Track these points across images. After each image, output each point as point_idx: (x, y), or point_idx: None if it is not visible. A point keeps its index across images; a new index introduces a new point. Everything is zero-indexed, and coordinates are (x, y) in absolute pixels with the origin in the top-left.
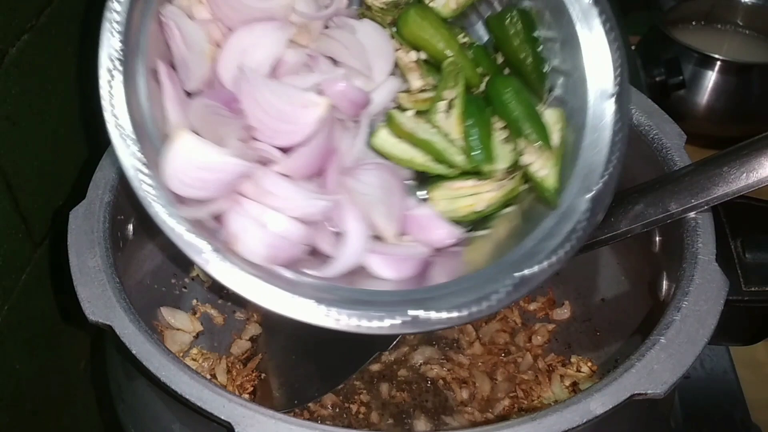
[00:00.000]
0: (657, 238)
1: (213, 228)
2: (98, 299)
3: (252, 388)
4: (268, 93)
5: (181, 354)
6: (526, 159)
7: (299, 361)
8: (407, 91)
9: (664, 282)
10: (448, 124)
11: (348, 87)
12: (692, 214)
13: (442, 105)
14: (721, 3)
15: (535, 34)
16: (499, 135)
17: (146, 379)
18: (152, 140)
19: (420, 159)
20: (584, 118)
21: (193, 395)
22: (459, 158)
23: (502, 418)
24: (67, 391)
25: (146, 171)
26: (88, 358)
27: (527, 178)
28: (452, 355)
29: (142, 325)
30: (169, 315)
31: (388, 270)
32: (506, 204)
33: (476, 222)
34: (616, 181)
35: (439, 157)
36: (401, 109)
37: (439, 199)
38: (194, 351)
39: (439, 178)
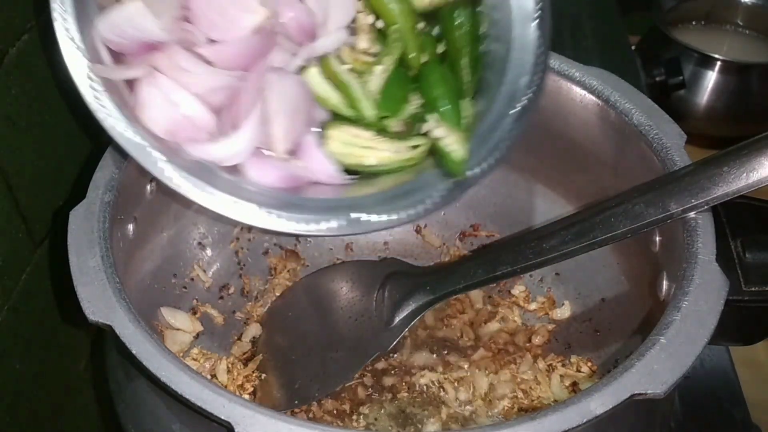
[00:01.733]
0: (657, 238)
1: (127, 98)
2: (98, 299)
3: (252, 389)
4: None
5: (182, 354)
6: (438, 132)
7: (299, 362)
8: (352, 48)
9: (664, 282)
10: (375, 85)
11: (303, 11)
12: (692, 214)
13: (378, 69)
14: (721, 3)
15: (482, 34)
16: (412, 105)
17: (146, 379)
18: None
19: (335, 100)
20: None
21: (193, 395)
22: (368, 111)
23: (502, 418)
24: (67, 391)
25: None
26: (88, 358)
27: (431, 151)
28: (451, 355)
29: (142, 325)
30: (169, 315)
31: (256, 172)
32: (398, 169)
33: (362, 174)
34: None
35: (351, 103)
36: (340, 60)
37: (334, 139)
38: (195, 351)
39: (344, 120)
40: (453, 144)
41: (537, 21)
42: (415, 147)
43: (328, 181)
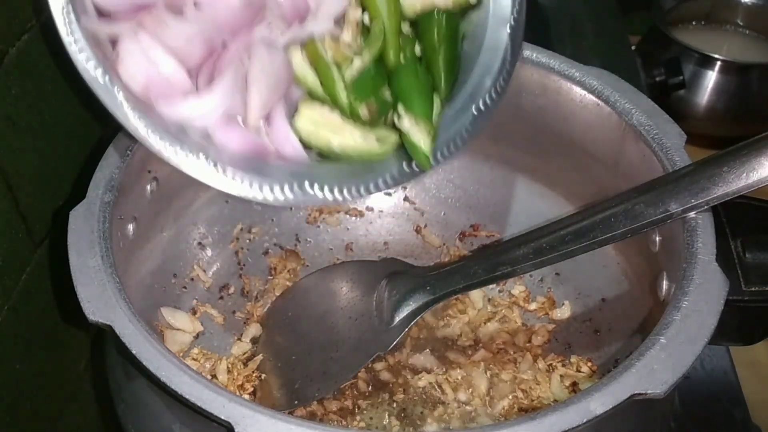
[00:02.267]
0: (657, 238)
1: (108, 52)
2: (98, 299)
3: (252, 389)
4: None
5: (182, 354)
6: (405, 124)
7: (299, 362)
8: (335, 39)
9: (664, 282)
10: (350, 76)
11: None
12: (692, 214)
13: (356, 62)
14: (721, 3)
15: (460, 37)
16: (383, 97)
17: (146, 379)
18: None
19: (312, 80)
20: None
21: (193, 395)
22: (342, 97)
23: (502, 418)
24: (67, 391)
25: None
26: (88, 358)
27: (399, 144)
28: (451, 355)
29: (142, 325)
30: (169, 315)
31: (223, 136)
32: (360, 160)
33: (325, 158)
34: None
35: (327, 85)
36: (322, 48)
37: (304, 117)
38: (195, 351)
39: (318, 100)
40: (419, 136)
41: (510, 28)
42: (381, 140)
43: (291, 156)
